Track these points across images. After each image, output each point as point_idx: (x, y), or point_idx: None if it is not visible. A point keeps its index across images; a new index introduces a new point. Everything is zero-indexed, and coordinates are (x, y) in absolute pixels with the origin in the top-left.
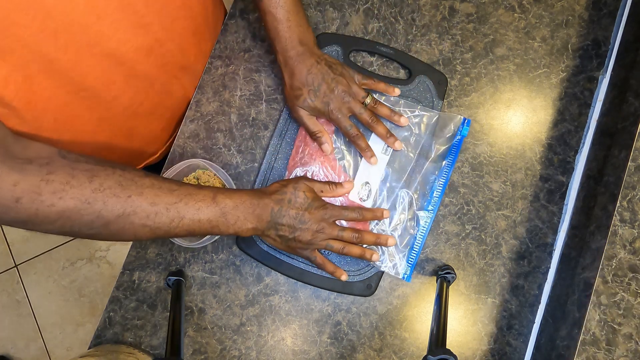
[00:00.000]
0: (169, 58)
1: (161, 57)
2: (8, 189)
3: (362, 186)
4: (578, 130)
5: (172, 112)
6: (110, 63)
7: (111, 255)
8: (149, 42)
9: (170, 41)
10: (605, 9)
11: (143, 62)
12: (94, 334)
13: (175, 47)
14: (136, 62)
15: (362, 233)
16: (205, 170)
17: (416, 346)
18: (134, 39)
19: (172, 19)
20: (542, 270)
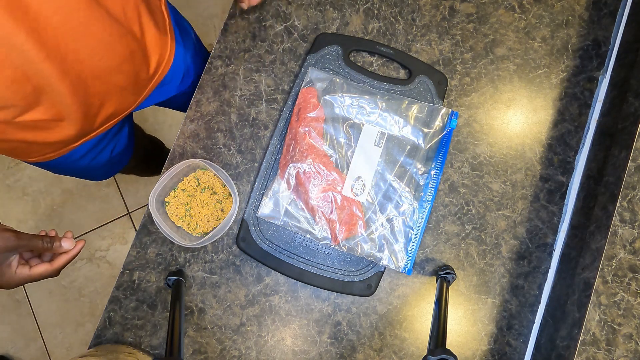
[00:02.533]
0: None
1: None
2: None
3: (355, 181)
4: (578, 130)
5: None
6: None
7: (111, 255)
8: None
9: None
10: (605, 9)
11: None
12: (94, 334)
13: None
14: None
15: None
16: (205, 170)
17: (416, 346)
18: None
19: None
20: (542, 270)
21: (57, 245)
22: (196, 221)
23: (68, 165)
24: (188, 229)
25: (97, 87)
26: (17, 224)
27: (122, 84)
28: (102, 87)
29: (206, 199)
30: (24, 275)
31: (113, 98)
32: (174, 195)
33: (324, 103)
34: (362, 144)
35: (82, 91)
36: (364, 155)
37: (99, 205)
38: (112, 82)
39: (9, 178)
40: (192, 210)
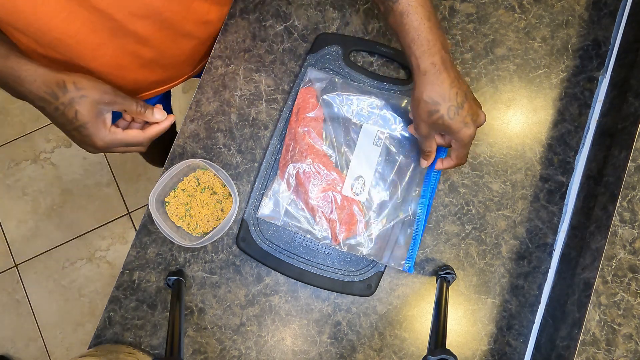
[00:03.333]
0: (167, 24)
1: (158, 23)
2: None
3: (355, 180)
4: (578, 131)
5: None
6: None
7: (111, 255)
8: (146, 8)
9: (169, 11)
10: (605, 9)
11: (136, 23)
12: (93, 334)
13: (175, 15)
14: (129, 22)
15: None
16: (205, 170)
17: (416, 346)
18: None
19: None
20: (542, 270)
21: (150, 112)
22: (196, 221)
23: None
24: (188, 229)
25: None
26: (17, 224)
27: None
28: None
29: (206, 199)
30: (118, 135)
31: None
32: (174, 195)
33: (323, 103)
34: (362, 143)
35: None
36: (363, 154)
37: (99, 205)
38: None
39: (9, 178)
40: (192, 210)
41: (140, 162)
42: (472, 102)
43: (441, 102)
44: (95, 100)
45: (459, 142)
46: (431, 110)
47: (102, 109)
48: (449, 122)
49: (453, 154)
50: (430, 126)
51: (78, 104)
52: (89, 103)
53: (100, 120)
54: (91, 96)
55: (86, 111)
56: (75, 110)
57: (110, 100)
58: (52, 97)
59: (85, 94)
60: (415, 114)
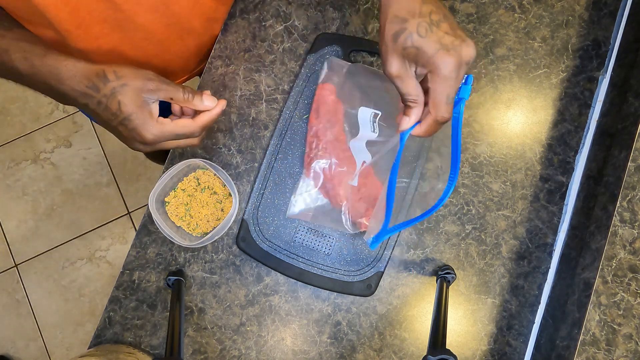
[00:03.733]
0: (174, 19)
1: (166, 16)
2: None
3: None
4: (578, 131)
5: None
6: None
7: (111, 255)
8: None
9: (177, 4)
10: (605, 9)
11: (144, 15)
12: (93, 334)
13: (183, 9)
14: (135, 14)
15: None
16: (205, 170)
17: (416, 346)
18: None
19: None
20: (542, 270)
21: (199, 100)
22: (196, 221)
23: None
24: (188, 229)
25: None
26: (17, 224)
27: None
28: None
29: (206, 199)
30: (167, 126)
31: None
32: (174, 195)
33: (340, 97)
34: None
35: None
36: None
37: (99, 205)
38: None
39: (9, 178)
40: (192, 210)
41: (140, 162)
42: (455, 26)
43: (409, 18)
44: (138, 88)
45: (435, 71)
46: (397, 31)
47: (147, 98)
48: (420, 41)
49: (430, 100)
50: (398, 55)
51: (120, 93)
52: (132, 92)
53: (146, 110)
54: (133, 84)
55: (130, 101)
56: (118, 101)
57: (154, 87)
58: (94, 89)
59: (127, 82)
60: (381, 47)
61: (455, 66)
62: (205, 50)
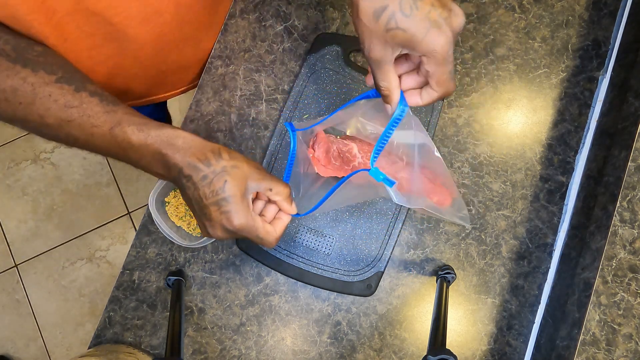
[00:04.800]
0: (167, 29)
1: (159, 26)
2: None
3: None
4: (578, 131)
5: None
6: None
7: (111, 255)
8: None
9: (167, 13)
10: (605, 9)
11: (136, 27)
12: (93, 334)
13: (175, 19)
14: (126, 27)
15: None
16: None
17: (416, 346)
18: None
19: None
20: (542, 270)
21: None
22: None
23: None
24: (188, 229)
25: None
26: (17, 224)
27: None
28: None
29: None
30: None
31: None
32: (174, 195)
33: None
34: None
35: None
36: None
37: (99, 205)
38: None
39: (9, 178)
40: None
41: None
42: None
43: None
44: (246, 174)
45: (431, 54)
46: (377, 10)
47: (250, 186)
48: (406, 21)
49: (432, 80)
50: (381, 38)
51: (229, 174)
52: (240, 176)
53: (245, 199)
54: (243, 168)
55: (235, 184)
56: (225, 180)
57: (260, 177)
58: (205, 164)
59: (238, 164)
60: (359, 27)
61: (450, 44)
62: (205, 59)
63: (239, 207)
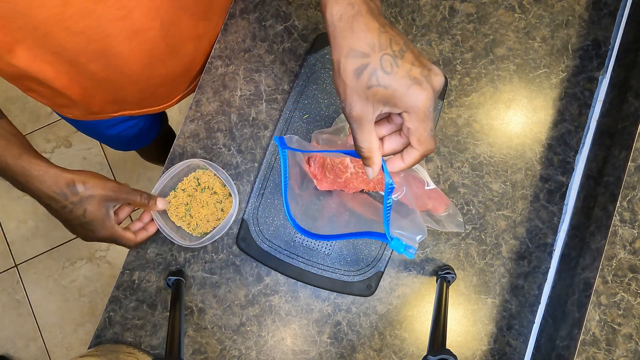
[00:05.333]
0: (152, 44)
1: (145, 42)
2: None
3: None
4: (578, 131)
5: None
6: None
7: (111, 255)
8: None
9: (151, 29)
10: (605, 9)
11: (118, 45)
12: (93, 334)
13: (160, 34)
14: (110, 44)
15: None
16: (206, 170)
17: (416, 346)
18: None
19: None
20: (542, 270)
21: (152, 203)
22: (196, 221)
23: (97, 131)
24: (188, 229)
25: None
26: (17, 224)
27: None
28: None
29: (206, 198)
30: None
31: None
32: (174, 195)
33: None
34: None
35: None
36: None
37: None
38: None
39: None
40: (192, 210)
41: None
42: (417, 53)
43: (370, 51)
44: (102, 198)
45: (412, 110)
46: (358, 68)
47: (108, 205)
48: (387, 78)
49: (413, 137)
50: (362, 96)
51: (87, 202)
52: (97, 202)
53: (107, 217)
54: (98, 194)
55: (94, 209)
56: (84, 209)
57: (115, 197)
58: (62, 197)
59: (93, 192)
60: (339, 85)
61: (431, 100)
62: (195, 70)
63: (101, 226)
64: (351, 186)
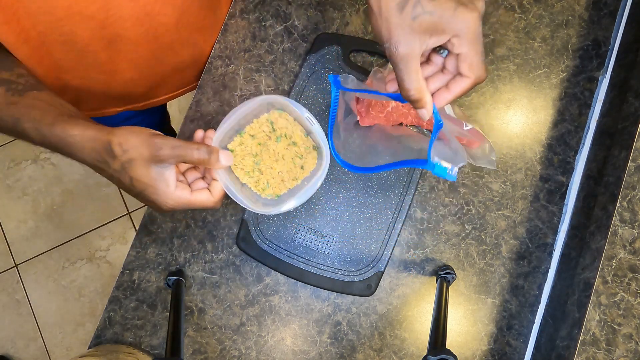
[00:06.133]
0: (163, 30)
1: (155, 27)
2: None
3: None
4: (578, 131)
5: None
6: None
7: (111, 255)
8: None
9: (163, 15)
10: (605, 9)
11: (129, 29)
12: (93, 334)
13: (171, 21)
14: (120, 28)
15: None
16: (282, 113)
17: (416, 346)
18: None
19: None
20: (542, 270)
21: (214, 159)
22: (266, 179)
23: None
24: (256, 188)
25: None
26: (17, 224)
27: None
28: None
29: (282, 150)
30: (184, 198)
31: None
32: (240, 142)
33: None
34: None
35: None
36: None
37: (99, 205)
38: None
39: (9, 178)
40: (263, 163)
41: None
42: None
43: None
44: (146, 159)
45: (461, 33)
46: (401, 2)
47: (159, 168)
48: (432, 4)
49: (463, 64)
50: (407, 29)
51: (130, 169)
52: (141, 166)
53: (160, 182)
54: (140, 157)
55: (141, 175)
56: (130, 177)
57: (163, 155)
58: (104, 164)
59: (132, 155)
60: (381, 25)
61: (479, 22)
62: (203, 60)
63: (157, 194)
64: (391, 119)
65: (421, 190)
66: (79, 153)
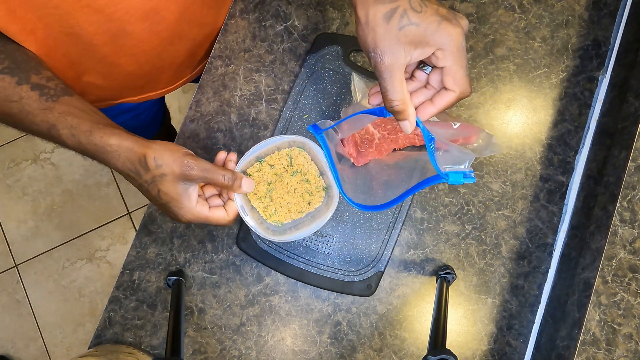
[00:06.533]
0: (165, 25)
1: (158, 23)
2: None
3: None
4: (578, 130)
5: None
6: (99, 18)
7: (111, 255)
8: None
9: (166, 10)
10: (605, 9)
11: (134, 23)
12: (94, 334)
13: (174, 17)
14: (126, 23)
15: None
16: (302, 151)
17: (416, 346)
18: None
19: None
20: (542, 270)
21: (237, 185)
22: (275, 206)
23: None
24: (264, 213)
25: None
26: (17, 224)
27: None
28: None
29: (295, 184)
30: (203, 214)
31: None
32: (258, 169)
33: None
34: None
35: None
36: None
37: (99, 205)
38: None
39: (9, 178)
40: (275, 192)
41: None
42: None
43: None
44: (177, 177)
45: (445, 46)
46: (387, 12)
47: (186, 185)
48: (418, 16)
49: (447, 77)
50: (392, 40)
51: (160, 183)
52: (171, 181)
53: (184, 197)
54: (172, 173)
55: (168, 190)
56: (158, 189)
57: (192, 176)
58: (136, 174)
59: (165, 171)
60: (366, 35)
61: (463, 37)
62: (199, 56)
63: (179, 208)
64: (383, 150)
65: (421, 190)
66: (114, 161)
